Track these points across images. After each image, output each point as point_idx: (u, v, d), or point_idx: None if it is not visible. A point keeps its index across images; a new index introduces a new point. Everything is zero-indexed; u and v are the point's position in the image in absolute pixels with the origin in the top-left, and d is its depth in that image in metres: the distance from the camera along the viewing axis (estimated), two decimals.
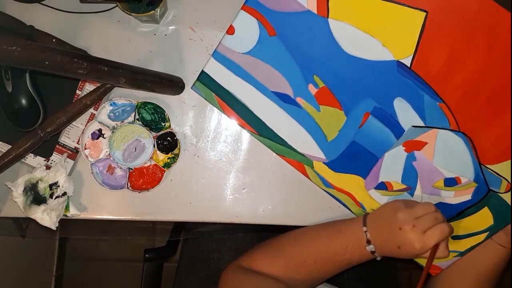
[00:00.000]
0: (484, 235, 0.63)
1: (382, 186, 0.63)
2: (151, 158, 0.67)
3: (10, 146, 0.64)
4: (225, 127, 0.69)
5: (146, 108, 0.67)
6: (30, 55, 0.44)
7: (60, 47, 0.58)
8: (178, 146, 0.67)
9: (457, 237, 0.64)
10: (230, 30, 0.64)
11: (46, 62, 0.46)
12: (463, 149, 0.60)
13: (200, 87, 0.67)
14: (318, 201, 0.69)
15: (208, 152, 0.69)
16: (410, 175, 0.62)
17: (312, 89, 0.62)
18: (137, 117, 0.68)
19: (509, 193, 0.60)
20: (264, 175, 0.69)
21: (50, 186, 0.65)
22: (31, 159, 0.68)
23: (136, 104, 0.67)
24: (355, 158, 0.63)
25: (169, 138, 0.67)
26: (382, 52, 0.58)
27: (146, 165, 0.68)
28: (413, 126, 0.60)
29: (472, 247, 0.63)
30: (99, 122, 0.67)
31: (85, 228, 1.42)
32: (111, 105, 0.67)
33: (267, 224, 0.69)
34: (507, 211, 0.61)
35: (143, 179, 0.68)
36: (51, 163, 0.68)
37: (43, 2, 0.68)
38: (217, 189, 0.69)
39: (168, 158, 0.68)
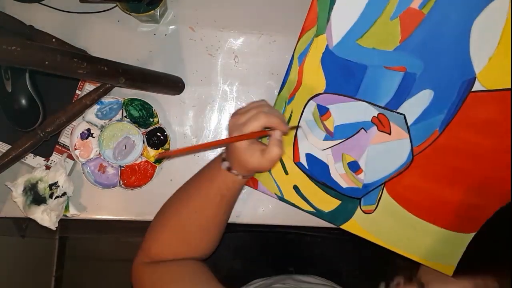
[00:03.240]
0: (310, 209, 0.66)
1: (323, 109, 0.61)
2: (141, 154, 0.67)
3: (10, 146, 0.64)
4: (225, 127, 0.69)
5: (133, 104, 0.67)
6: (30, 55, 0.44)
7: (60, 47, 0.58)
8: (168, 141, 0.67)
9: (297, 190, 0.66)
10: None
11: (46, 62, 0.46)
12: (394, 165, 0.60)
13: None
14: None
15: (208, 152, 0.69)
16: (345, 131, 0.61)
17: None
18: (125, 114, 0.68)
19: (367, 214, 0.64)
20: None
21: (50, 186, 0.65)
22: (31, 159, 0.68)
23: (123, 101, 0.67)
24: (346, 75, 0.59)
25: (158, 134, 0.68)
26: (480, 60, 0.55)
27: (137, 162, 0.68)
28: (404, 116, 0.58)
29: (292, 204, 0.66)
30: (87, 121, 0.67)
31: (85, 228, 1.42)
32: (98, 103, 0.67)
33: (267, 224, 0.69)
34: (343, 217, 0.65)
35: (135, 176, 0.68)
36: (51, 163, 0.68)
37: (43, 2, 0.68)
38: None
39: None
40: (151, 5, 0.62)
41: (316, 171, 0.64)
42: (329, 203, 0.65)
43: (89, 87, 0.68)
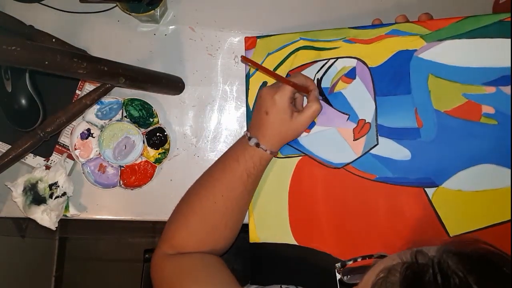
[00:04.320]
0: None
1: (352, 73, 0.60)
2: (141, 154, 0.67)
3: (10, 146, 0.64)
4: (225, 127, 0.69)
5: (133, 104, 0.68)
6: (30, 55, 0.44)
7: (60, 47, 0.58)
8: (168, 141, 0.67)
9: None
10: None
11: (46, 62, 0.46)
12: (327, 155, 0.60)
13: None
14: None
15: (208, 152, 0.69)
16: (344, 104, 0.60)
17: None
18: (124, 114, 0.68)
19: None
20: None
21: (50, 186, 0.65)
22: (31, 159, 0.68)
23: (123, 101, 0.67)
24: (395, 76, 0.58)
25: (158, 134, 0.68)
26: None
27: (137, 162, 0.68)
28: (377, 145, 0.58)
29: None
30: (87, 121, 0.67)
31: (85, 228, 1.42)
32: (98, 103, 0.67)
33: None
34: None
35: (135, 176, 0.68)
36: (51, 163, 0.68)
37: (43, 2, 0.68)
38: None
39: (159, 154, 0.68)
40: (151, 5, 0.62)
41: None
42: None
43: (89, 87, 0.68)
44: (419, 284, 0.34)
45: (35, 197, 0.65)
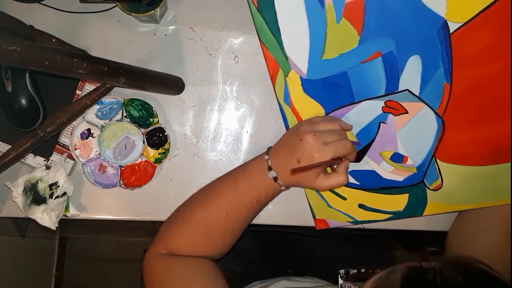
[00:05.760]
0: (386, 216, 0.65)
1: None
2: (141, 154, 0.67)
3: (10, 146, 0.64)
4: (225, 127, 0.69)
5: (133, 104, 0.68)
6: (30, 55, 0.44)
7: (60, 47, 0.58)
8: (168, 141, 0.67)
9: (364, 207, 0.65)
10: None
11: (46, 62, 0.45)
12: (430, 135, 0.60)
13: None
14: None
15: (208, 152, 0.69)
16: (367, 133, 0.61)
17: None
18: (125, 114, 0.68)
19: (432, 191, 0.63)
20: None
21: (50, 186, 0.65)
22: (31, 159, 0.68)
23: (123, 101, 0.67)
24: (334, 90, 0.59)
25: (159, 134, 0.68)
26: (439, 3, 0.53)
27: (137, 162, 0.68)
28: (408, 90, 0.58)
29: (368, 221, 0.65)
30: (87, 121, 0.67)
31: (85, 228, 1.42)
32: (98, 103, 0.67)
33: (267, 224, 0.69)
34: (420, 205, 0.63)
35: (135, 176, 0.68)
36: (51, 163, 0.68)
37: (43, 2, 0.68)
38: None
39: (159, 154, 0.68)
40: (151, 5, 0.62)
41: (368, 181, 0.63)
42: (399, 202, 0.64)
43: (89, 87, 0.68)
44: (419, 282, 0.35)
45: (35, 197, 0.65)
